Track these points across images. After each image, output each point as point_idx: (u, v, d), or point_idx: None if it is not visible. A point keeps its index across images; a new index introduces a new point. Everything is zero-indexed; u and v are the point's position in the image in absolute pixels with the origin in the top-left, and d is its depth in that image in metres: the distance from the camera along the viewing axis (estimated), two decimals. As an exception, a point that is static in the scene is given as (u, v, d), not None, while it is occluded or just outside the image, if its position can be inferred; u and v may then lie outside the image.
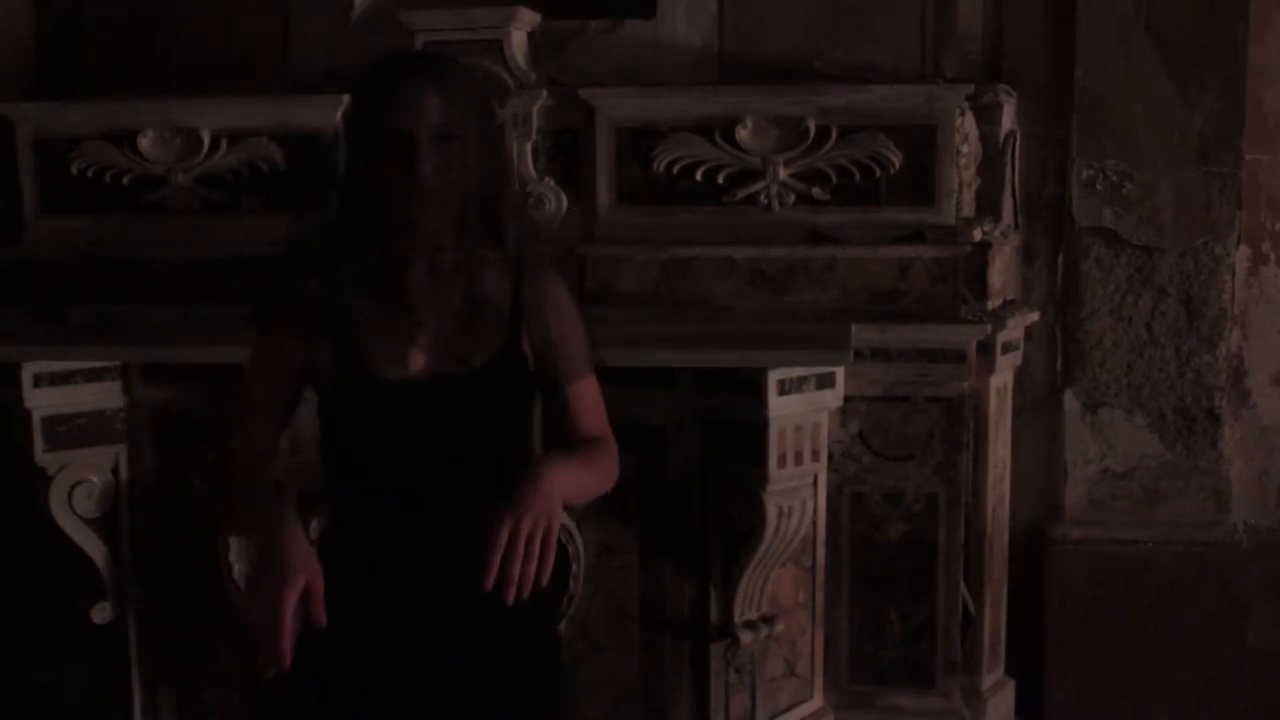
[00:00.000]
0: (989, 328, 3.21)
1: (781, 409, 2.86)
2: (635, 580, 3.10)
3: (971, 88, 3.28)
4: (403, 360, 1.82)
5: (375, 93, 1.78)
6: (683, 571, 3.06)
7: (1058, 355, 3.55)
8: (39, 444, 3.04)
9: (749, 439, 2.88)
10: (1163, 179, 3.41)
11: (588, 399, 1.94)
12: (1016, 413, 3.52)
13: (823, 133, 3.25)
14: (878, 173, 3.25)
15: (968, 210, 3.31)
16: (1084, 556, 3.51)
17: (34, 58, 3.82)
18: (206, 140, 3.47)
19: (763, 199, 3.29)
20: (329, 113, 3.37)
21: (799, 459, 2.92)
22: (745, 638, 3.00)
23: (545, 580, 1.69)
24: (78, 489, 3.12)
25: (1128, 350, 3.48)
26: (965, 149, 3.26)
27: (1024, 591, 3.55)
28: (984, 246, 3.24)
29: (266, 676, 1.68)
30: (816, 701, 3.25)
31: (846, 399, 3.04)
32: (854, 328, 3.02)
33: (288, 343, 1.87)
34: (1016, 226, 3.47)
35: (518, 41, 3.41)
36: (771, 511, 2.90)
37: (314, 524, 3.00)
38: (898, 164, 3.24)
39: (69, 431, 3.08)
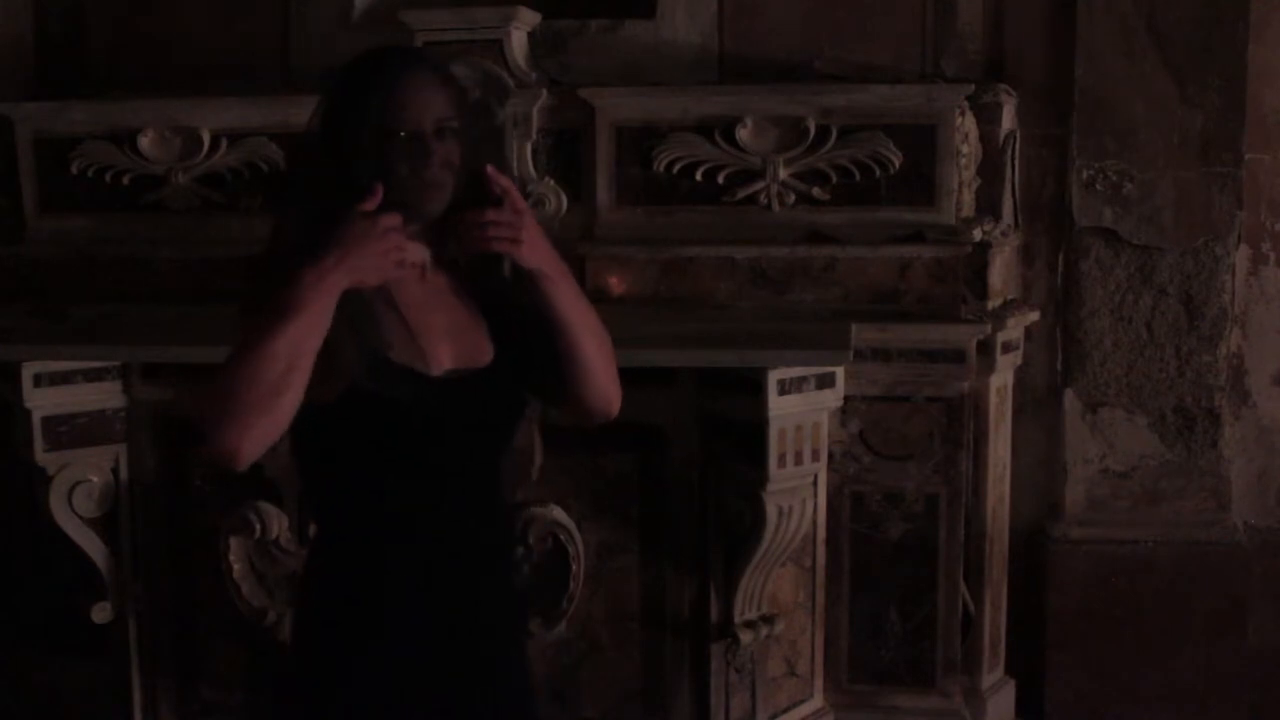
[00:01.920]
0: (989, 327, 3.21)
1: (781, 409, 2.86)
2: (635, 580, 3.10)
3: (971, 88, 3.28)
4: (422, 356, 1.78)
5: (377, 93, 1.73)
6: (683, 571, 3.06)
7: (1058, 355, 3.54)
8: (39, 444, 3.04)
9: (749, 439, 2.88)
10: (1163, 179, 3.40)
11: None
12: (1016, 413, 3.52)
13: (823, 132, 3.25)
14: (878, 172, 3.25)
15: (968, 210, 3.31)
16: (1084, 556, 3.51)
17: (34, 58, 3.82)
18: (206, 140, 3.47)
19: (763, 199, 3.29)
20: (329, 112, 3.38)
21: (799, 459, 2.92)
22: (745, 637, 3.00)
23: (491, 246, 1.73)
24: (78, 489, 3.12)
25: (1128, 350, 3.48)
26: (965, 149, 3.26)
27: (1024, 591, 3.55)
28: (984, 246, 3.24)
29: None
30: (816, 701, 3.25)
31: (846, 399, 3.04)
32: (854, 327, 3.01)
33: None
34: (1016, 226, 3.47)
35: (518, 41, 3.41)
36: (771, 511, 2.90)
37: (312, 528, 3.03)
38: (898, 164, 3.24)
39: (69, 431, 3.08)
